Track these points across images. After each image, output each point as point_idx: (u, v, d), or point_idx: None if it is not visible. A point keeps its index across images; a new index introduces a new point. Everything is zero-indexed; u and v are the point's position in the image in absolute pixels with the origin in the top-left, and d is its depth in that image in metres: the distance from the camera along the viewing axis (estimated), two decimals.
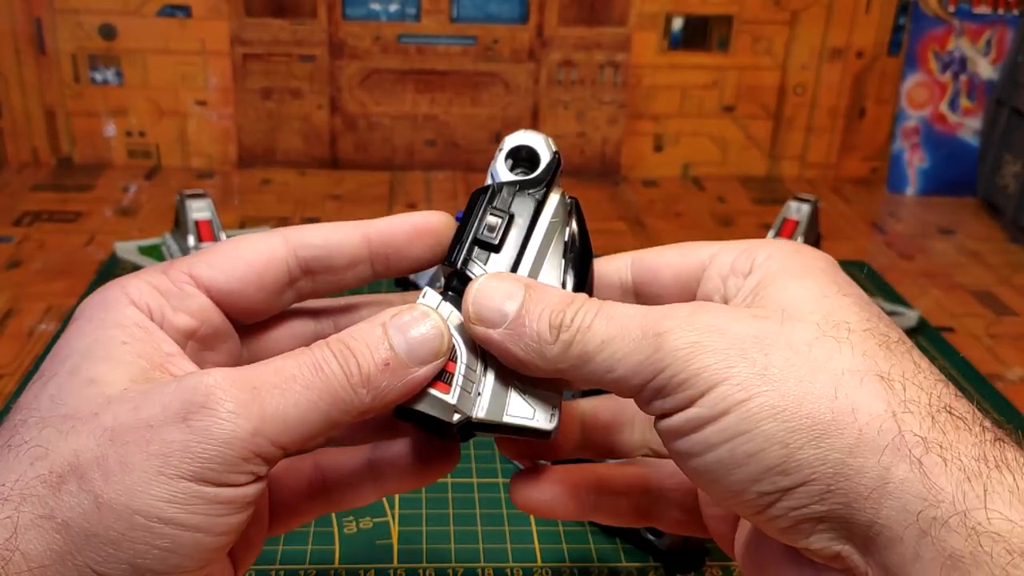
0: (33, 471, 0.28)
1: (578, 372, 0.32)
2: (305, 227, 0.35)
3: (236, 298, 0.34)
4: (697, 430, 0.29)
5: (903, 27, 0.99)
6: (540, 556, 0.47)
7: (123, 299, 0.32)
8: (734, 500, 0.30)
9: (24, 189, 0.92)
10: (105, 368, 0.30)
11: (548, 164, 0.36)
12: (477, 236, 0.35)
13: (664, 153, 1.03)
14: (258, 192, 0.95)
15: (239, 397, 0.28)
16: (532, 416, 0.34)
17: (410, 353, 0.31)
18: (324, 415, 0.30)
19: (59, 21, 0.93)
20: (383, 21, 0.96)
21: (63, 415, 0.29)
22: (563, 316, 0.32)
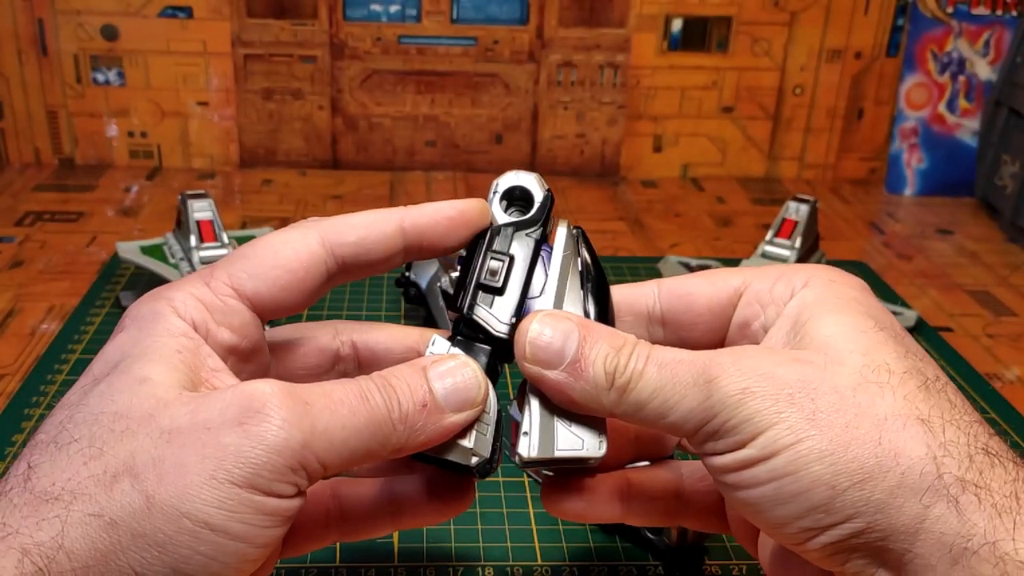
0: (87, 471, 0.28)
1: (632, 417, 0.33)
2: (340, 222, 0.35)
3: (277, 304, 0.34)
4: (747, 468, 0.31)
5: (901, 28, 0.99)
6: (540, 555, 0.48)
7: (170, 312, 0.32)
8: (776, 530, 0.31)
9: (26, 189, 0.93)
10: (159, 369, 0.30)
11: (542, 203, 0.37)
12: (480, 281, 0.35)
13: (663, 154, 1.03)
14: (259, 192, 0.95)
15: (294, 408, 0.29)
16: (581, 446, 0.35)
17: (447, 399, 0.32)
18: (365, 443, 0.31)
19: (61, 22, 0.94)
20: (384, 22, 0.96)
21: (115, 412, 0.29)
22: (617, 362, 0.32)
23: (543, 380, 0.33)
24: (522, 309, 0.35)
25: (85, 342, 0.65)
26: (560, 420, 0.35)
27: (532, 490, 0.52)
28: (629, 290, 0.38)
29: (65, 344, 0.65)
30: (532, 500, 0.52)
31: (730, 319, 0.36)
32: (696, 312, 0.37)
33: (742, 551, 0.48)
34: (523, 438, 0.34)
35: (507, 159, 1.01)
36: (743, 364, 0.31)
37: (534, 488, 0.53)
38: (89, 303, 0.71)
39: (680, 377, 0.32)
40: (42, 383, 0.60)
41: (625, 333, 0.33)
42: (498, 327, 0.35)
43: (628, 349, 0.33)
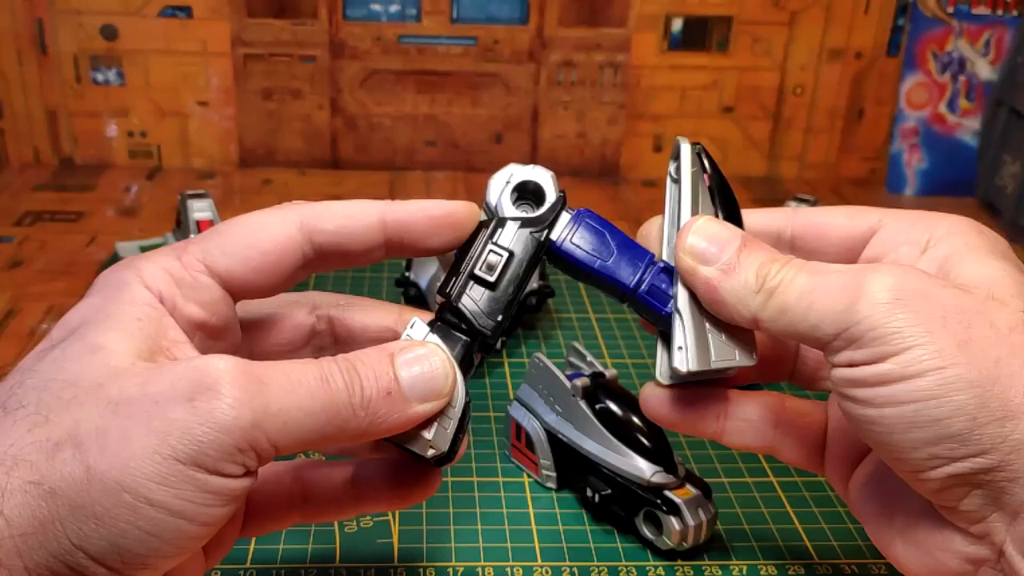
0: (31, 437, 0.28)
1: (774, 323, 0.33)
2: (320, 208, 0.35)
3: (248, 285, 0.34)
4: (883, 384, 0.30)
5: (902, 28, 0.99)
6: (540, 555, 0.48)
7: (137, 281, 0.32)
8: (899, 454, 0.31)
9: (26, 189, 0.93)
10: (115, 336, 0.30)
11: (553, 204, 0.36)
12: (474, 272, 0.35)
13: (664, 153, 1.03)
14: (259, 192, 0.95)
15: (247, 387, 0.28)
16: (736, 357, 0.35)
17: (412, 388, 0.32)
18: (321, 426, 0.30)
19: (60, 22, 0.94)
20: (383, 22, 0.96)
21: (64, 380, 0.29)
22: (770, 268, 0.33)
23: (695, 275, 0.34)
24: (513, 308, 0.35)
25: None
26: (712, 332, 0.35)
27: (532, 490, 0.52)
28: (762, 213, 0.38)
29: None
30: (532, 500, 0.52)
31: (859, 254, 0.36)
32: (828, 242, 0.37)
33: (742, 551, 0.48)
34: (678, 352, 0.35)
35: (507, 159, 1.00)
36: (898, 277, 0.31)
37: (534, 488, 0.53)
38: None
39: (830, 283, 0.32)
40: None
41: (790, 256, 0.34)
42: (483, 321, 0.35)
43: (782, 261, 0.33)
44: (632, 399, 0.50)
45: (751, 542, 0.49)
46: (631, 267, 0.36)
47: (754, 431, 0.39)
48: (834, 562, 0.48)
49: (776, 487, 0.53)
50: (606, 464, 0.48)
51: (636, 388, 0.62)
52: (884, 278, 0.31)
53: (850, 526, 0.50)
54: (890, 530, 0.35)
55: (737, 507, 0.51)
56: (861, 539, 0.49)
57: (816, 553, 0.49)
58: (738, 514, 0.51)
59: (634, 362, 0.65)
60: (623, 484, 0.48)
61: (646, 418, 0.49)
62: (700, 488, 0.47)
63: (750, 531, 0.50)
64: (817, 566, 0.48)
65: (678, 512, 0.46)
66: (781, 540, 0.49)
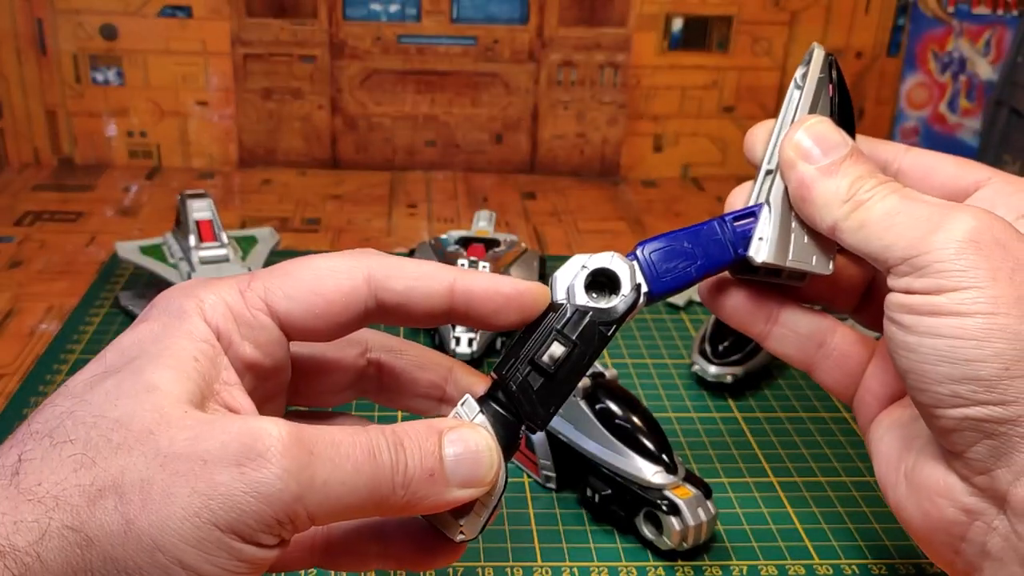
0: (76, 479, 0.27)
1: (851, 234, 0.33)
2: (392, 265, 0.33)
3: (307, 330, 0.33)
4: (933, 315, 0.31)
5: (902, 28, 0.99)
6: (540, 556, 0.48)
7: (197, 312, 0.31)
8: (924, 384, 0.31)
9: (25, 189, 0.93)
10: (170, 377, 0.29)
11: (629, 303, 0.35)
12: (536, 359, 0.33)
13: (664, 153, 1.03)
14: (259, 192, 0.95)
15: (296, 458, 0.28)
16: (812, 262, 0.36)
17: (455, 472, 0.31)
18: (361, 501, 0.29)
19: (60, 21, 0.94)
20: (383, 22, 0.96)
21: (116, 419, 0.28)
22: (864, 183, 0.34)
23: (793, 169, 0.35)
24: (567, 398, 0.34)
25: (84, 342, 0.65)
26: (795, 231, 0.36)
27: (532, 490, 0.52)
28: (874, 142, 0.39)
29: (64, 344, 0.65)
30: (532, 500, 0.52)
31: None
32: (931, 184, 0.37)
33: (742, 551, 0.48)
34: (756, 242, 0.36)
35: (507, 159, 1.01)
36: (982, 220, 0.31)
37: (534, 488, 0.53)
38: (88, 303, 0.71)
39: (915, 209, 0.32)
40: (41, 383, 0.60)
41: (891, 179, 0.34)
42: (535, 410, 0.33)
43: (881, 179, 0.34)
44: (632, 399, 0.50)
45: (751, 542, 0.49)
46: (716, 246, 0.36)
47: (799, 343, 0.40)
48: (835, 562, 0.48)
49: (776, 487, 0.53)
50: (606, 464, 0.48)
51: (636, 388, 0.62)
52: (968, 218, 0.31)
53: (850, 526, 0.50)
54: (897, 472, 0.35)
55: (737, 507, 0.52)
56: (861, 539, 0.49)
57: (816, 553, 0.49)
58: (738, 514, 0.51)
59: (634, 362, 0.65)
60: (623, 484, 0.48)
61: (646, 418, 0.49)
62: (700, 488, 0.47)
63: (750, 531, 0.50)
64: (817, 566, 0.48)
65: (678, 512, 0.46)
66: (781, 540, 0.49)
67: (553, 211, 0.92)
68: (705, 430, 0.58)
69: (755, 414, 0.60)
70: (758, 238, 0.36)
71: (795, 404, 0.61)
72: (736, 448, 0.57)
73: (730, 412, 0.60)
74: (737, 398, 0.62)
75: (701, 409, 0.61)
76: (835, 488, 0.53)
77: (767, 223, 0.36)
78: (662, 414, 0.59)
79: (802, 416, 0.60)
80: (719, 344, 0.62)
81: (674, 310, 0.73)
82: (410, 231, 0.86)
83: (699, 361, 0.62)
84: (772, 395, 0.62)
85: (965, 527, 0.32)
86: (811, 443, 0.57)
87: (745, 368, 0.61)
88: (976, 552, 0.32)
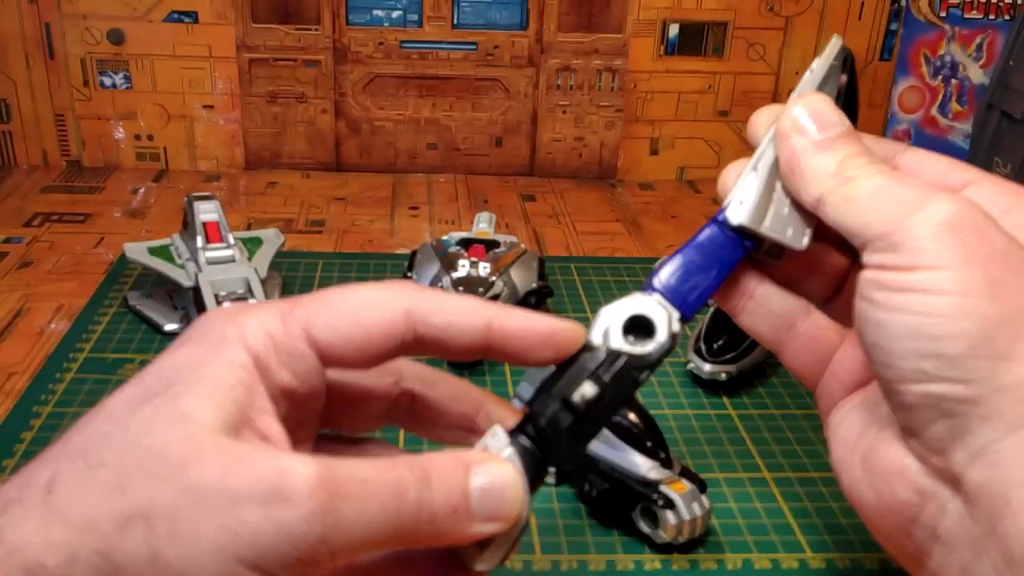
0: (107, 504, 0.27)
1: (834, 208, 0.34)
2: (432, 300, 0.33)
3: (344, 360, 0.33)
4: (904, 292, 0.31)
5: (895, 32, 1.00)
6: (539, 549, 0.48)
7: (238, 339, 0.31)
8: (889, 359, 0.31)
9: (34, 191, 0.94)
10: (206, 407, 0.29)
11: (664, 351, 0.34)
12: (568, 399, 0.33)
13: (660, 157, 1.04)
14: (264, 194, 0.96)
15: (324, 501, 0.28)
16: (785, 234, 0.36)
17: (480, 507, 0.30)
18: (385, 538, 0.29)
19: (68, 26, 0.95)
20: (386, 27, 0.97)
21: (150, 447, 0.28)
22: (856, 160, 0.34)
23: (787, 139, 0.35)
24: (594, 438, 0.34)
25: (93, 341, 0.66)
26: (776, 203, 0.36)
27: None
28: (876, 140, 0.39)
29: (73, 343, 0.66)
30: None
31: None
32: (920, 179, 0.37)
33: (737, 545, 0.49)
34: (735, 204, 0.36)
35: (507, 162, 1.02)
36: (962, 207, 0.31)
37: None
38: (97, 303, 0.72)
39: (900, 191, 0.32)
40: (50, 382, 0.61)
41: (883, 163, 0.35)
42: (562, 449, 0.33)
43: (873, 158, 0.34)
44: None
45: (745, 536, 0.50)
46: (724, 248, 0.37)
47: (771, 321, 0.39)
48: (827, 556, 0.49)
49: (769, 482, 0.54)
50: (604, 460, 0.49)
51: None
52: (948, 203, 0.32)
53: (842, 521, 0.51)
54: (853, 455, 0.35)
55: (732, 502, 0.52)
56: (853, 534, 0.50)
57: (809, 547, 0.49)
58: (732, 508, 0.52)
59: None
60: (620, 480, 0.48)
61: (642, 415, 0.50)
62: (695, 483, 0.48)
63: (744, 525, 0.51)
64: (810, 560, 0.48)
65: (674, 507, 0.47)
66: (775, 534, 0.50)
67: (552, 213, 0.93)
68: (700, 427, 0.59)
69: (749, 411, 0.61)
70: (738, 201, 0.36)
71: (788, 401, 0.62)
72: (730, 444, 0.58)
73: (725, 409, 0.61)
74: (732, 395, 0.63)
75: (696, 406, 0.61)
76: (828, 483, 0.54)
77: (750, 188, 0.36)
78: (658, 411, 0.60)
79: (795, 413, 0.61)
80: (714, 343, 0.63)
81: None
82: (412, 232, 0.87)
83: (694, 359, 0.63)
84: (766, 392, 0.63)
85: (918, 509, 0.32)
86: (804, 439, 0.58)
87: (739, 366, 0.62)
88: (927, 536, 0.32)
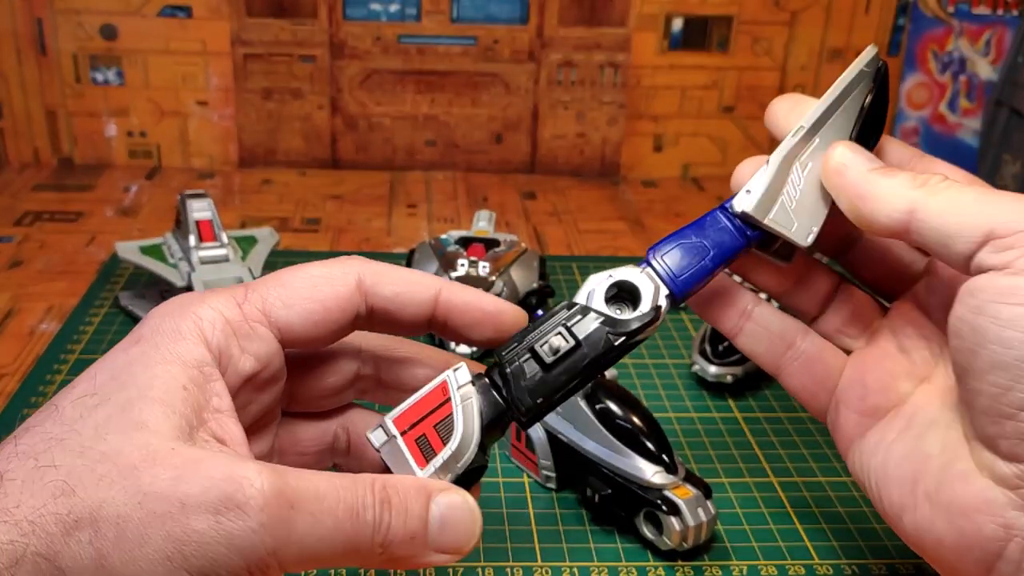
0: (54, 506, 0.27)
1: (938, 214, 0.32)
2: (382, 270, 0.34)
3: (304, 338, 0.33)
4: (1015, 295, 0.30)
5: (902, 28, 0.99)
6: (540, 556, 0.48)
7: (195, 334, 0.31)
8: (1009, 382, 0.30)
9: (25, 189, 0.93)
10: (158, 413, 0.29)
11: (644, 321, 0.34)
12: (535, 347, 0.34)
13: (664, 153, 1.03)
14: (259, 192, 0.95)
15: (275, 514, 0.28)
16: (791, 228, 0.36)
17: (437, 539, 0.31)
18: (336, 555, 0.29)
19: (60, 21, 0.94)
20: (383, 22, 0.96)
21: (103, 452, 0.28)
22: (926, 177, 0.33)
23: (842, 173, 0.35)
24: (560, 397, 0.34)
25: (84, 342, 0.65)
26: (785, 196, 0.36)
27: (532, 490, 0.52)
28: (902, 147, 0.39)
29: (64, 344, 0.65)
30: (532, 500, 0.52)
31: None
32: None
33: (742, 551, 0.48)
34: (744, 194, 0.36)
35: (507, 159, 1.01)
36: None
37: (534, 488, 0.53)
38: (88, 303, 0.71)
39: (1003, 196, 0.32)
40: (41, 383, 0.60)
41: None
42: (522, 397, 0.33)
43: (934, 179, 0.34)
44: (632, 399, 0.50)
45: (751, 542, 0.49)
46: (725, 233, 0.37)
47: (768, 341, 0.40)
48: (834, 562, 0.48)
49: (776, 487, 0.53)
50: (606, 464, 0.48)
51: (636, 388, 0.62)
52: None
53: (850, 526, 0.50)
54: (914, 494, 0.34)
55: (737, 507, 0.52)
56: (861, 539, 0.49)
57: (816, 553, 0.49)
58: (738, 514, 0.51)
59: (634, 362, 0.65)
60: (623, 484, 0.48)
61: (646, 418, 0.49)
62: (700, 488, 0.47)
63: (750, 531, 0.50)
64: (817, 566, 0.48)
65: (678, 512, 0.46)
66: (781, 540, 0.49)
67: (553, 211, 0.92)
68: (705, 430, 0.58)
69: (755, 414, 0.60)
70: (746, 191, 0.36)
71: (795, 404, 0.61)
72: (736, 448, 0.57)
73: (730, 412, 0.60)
74: (737, 398, 0.62)
75: (701, 409, 0.61)
76: (835, 488, 0.53)
77: (760, 178, 0.36)
78: (662, 414, 0.59)
79: (802, 416, 0.60)
80: (719, 344, 0.62)
81: (674, 310, 0.73)
82: (410, 231, 0.86)
83: (699, 361, 0.62)
84: (772, 395, 0.62)
85: (1003, 544, 0.32)
86: (811, 443, 0.57)
87: (745, 368, 0.61)
88: (1012, 571, 0.32)
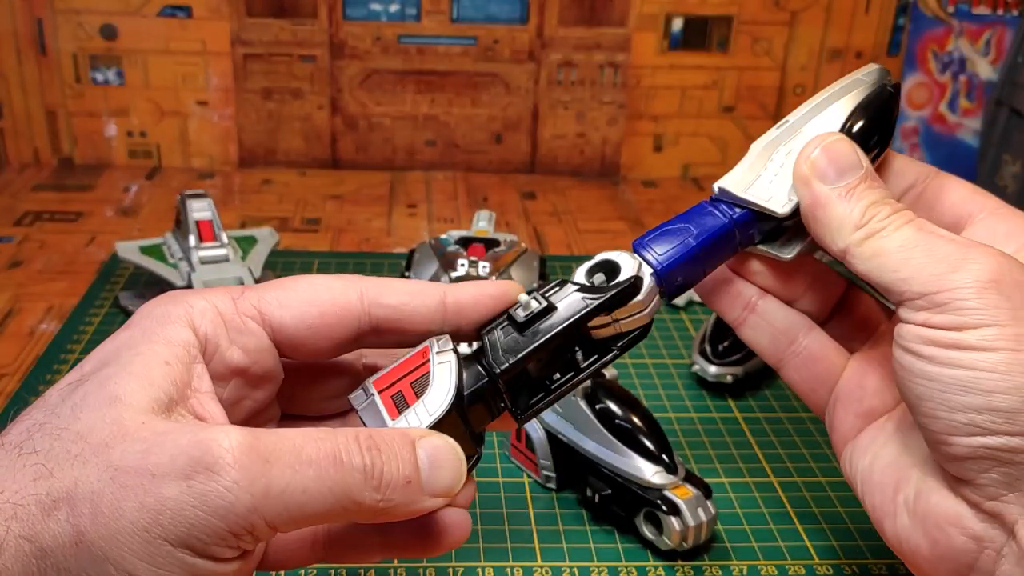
0: (33, 488, 0.27)
1: (864, 262, 0.34)
2: (383, 284, 0.34)
3: (299, 343, 0.33)
4: (954, 348, 0.31)
5: (902, 28, 0.99)
6: (540, 556, 0.48)
7: (183, 319, 0.31)
8: (940, 412, 0.32)
9: (25, 189, 0.93)
10: (134, 386, 0.29)
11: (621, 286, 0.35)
12: (510, 311, 0.35)
13: (664, 153, 1.03)
14: (259, 192, 0.95)
15: (248, 468, 0.27)
16: (769, 199, 0.37)
17: (429, 483, 0.31)
18: (328, 507, 0.29)
19: (60, 21, 0.93)
20: (383, 22, 0.96)
21: (77, 432, 0.28)
22: (880, 209, 0.34)
23: (808, 185, 0.35)
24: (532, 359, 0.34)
25: (84, 342, 0.65)
26: (765, 176, 0.37)
27: (532, 490, 0.52)
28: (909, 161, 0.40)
29: (64, 344, 0.65)
30: (532, 500, 0.52)
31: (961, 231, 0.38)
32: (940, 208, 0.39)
33: (742, 551, 0.48)
34: (728, 174, 0.37)
35: (507, 159, 1.01)
36: (1001, 262, 0.32)
37: (534, 488, 0.52)
38: (88, 303, 0.71)
39: (934, 246, 0.33)
40: (41, 383, 0.60)
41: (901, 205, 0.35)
42: (496, 356, 0.34)
43: (895, 207, 0.34)
44: (632, 399, 0.50)
45: (751, 542, 0.49)
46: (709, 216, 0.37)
47: (772, 335, 0.40)
48: (834, 562, 0.48)
49: (776, 487, 0.53)
50: (606, 464, 0.48)
51: (636, 388, 0.62)
52: (987, 259, 0.32)
53: (850, 526, 0.50)
54: (893, 502, 0.36)
55: (737, 507, 0.51)
56: (861, 539, 0.49)
57: (816, 553, 0.49)
58: (738, 514, 0.51)
59: (634, 362, 0.65)
60: (623, 484, 0.47)
61: (646, 418, 0.49)
62: (700, 488, 0.47)
63: (750, 531, 0.50)
64: (817, 566, 0.48)
65: (678, 512, 0.46)
66: (781, 540, 0.49)
67: (553, 211, 0.92)
68: (705, 430, 0.58)
69: (755, 414, 0.60)
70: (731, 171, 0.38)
71: (795, 404, 0.61)
72: (736, 448, 0.57)
73: (730, 412, 0.60)
74: (737, 398, 0.62)
75: (701, 409, 0.60)
76: (835, 488, 0.53)
77: (741, 162, 0.38)
78: (662, 414, 0.59)
79: (802, 416, 0.60)
80: (719, 344, 0.62)
81: (674, 310, 0.73)
82: (410, 231, 0.86)
83: (699, 361, 0.62)
84: (772, 395, 0.62)
85: (975, 556, 0.33)
86: (811, 443, 0.57)
87: (745, 368, 0.61)
88: None
